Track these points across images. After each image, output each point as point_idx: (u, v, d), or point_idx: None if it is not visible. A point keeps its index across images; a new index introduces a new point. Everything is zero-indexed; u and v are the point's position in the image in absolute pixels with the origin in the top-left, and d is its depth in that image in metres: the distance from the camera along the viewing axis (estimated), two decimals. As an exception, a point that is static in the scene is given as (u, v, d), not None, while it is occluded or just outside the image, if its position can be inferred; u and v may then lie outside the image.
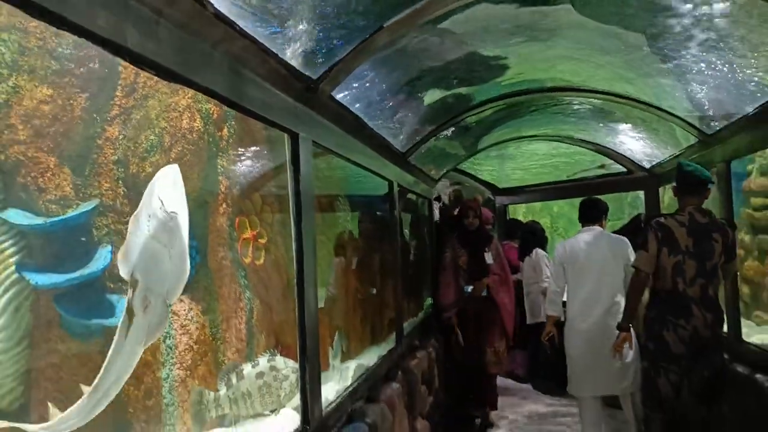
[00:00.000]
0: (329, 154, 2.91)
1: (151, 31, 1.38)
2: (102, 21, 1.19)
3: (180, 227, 1.46)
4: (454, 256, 5.21)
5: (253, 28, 1.79)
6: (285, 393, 2.34)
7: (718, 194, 3.95)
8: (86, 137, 1.66)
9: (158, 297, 1.42)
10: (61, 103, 1.59)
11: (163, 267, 1.44)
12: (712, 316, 3.48)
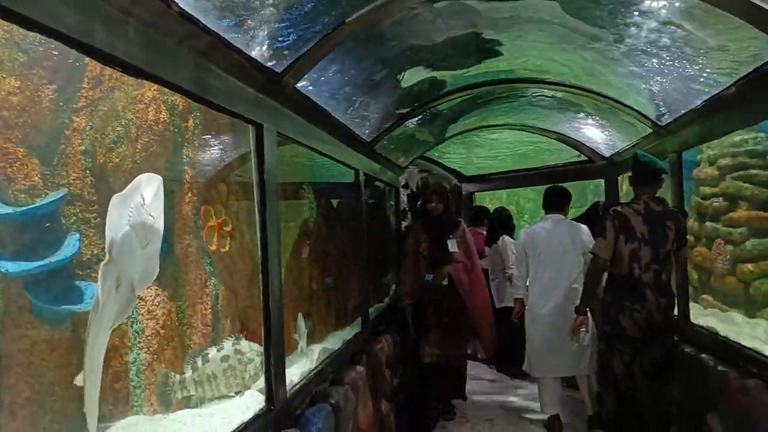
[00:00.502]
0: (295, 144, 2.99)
1: (119, 30, 1.44)
2: (70, 21, 1.24)
3: (156, 232, 1.53)
4: (416, 242, 5.00)
5: (218, 24, 1.85)
6: (249, 375, 2.42)
7: (671, 183, 4.13)
8: (54, 128, 1.70)
9: (127, 280, 1.49)
10: (29, 95, 1.64)
11: (135, 256, 1.51)
12: (665, 300, 3.66)
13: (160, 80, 1.75)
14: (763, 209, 3.61)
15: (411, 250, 5.02)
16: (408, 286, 5.00)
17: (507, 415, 5.22)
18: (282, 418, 2.49)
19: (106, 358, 1.66)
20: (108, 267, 1.41)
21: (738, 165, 3.80)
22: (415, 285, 4.96)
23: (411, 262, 4.99)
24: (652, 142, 4.47)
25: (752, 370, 2.99)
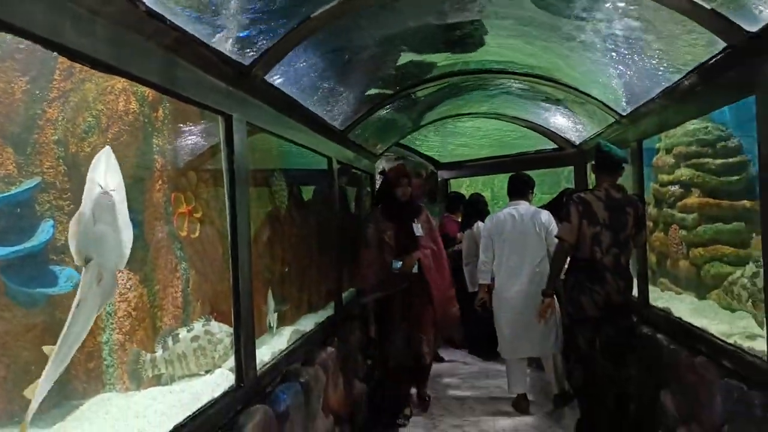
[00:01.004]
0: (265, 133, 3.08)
1: (89, 29, 1.52)
2: (41, 21, 1.33)
3: (119, 202, 1.64)
4: (377, 230, 4.55)
5: (186, 19, 1.94)
6: (219, 355, 2.53)
7: (632, 170, 4.29)
8: (27, 118, 1.78)
9: (108, 270, 1.60)
10: (2, 86, 1.71)
11: (110, 244, 1.62)
12: (623, 283, 3.84)
13: (130, 75, 1.84)
14: (713, 196, 3.80)
15: (373, 238, 4.54)
16: (373, 279, 4.51)
17: (477, 395, 5.40)
18: (251, 395, 2.60)
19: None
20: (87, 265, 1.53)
21: (691, 153, 3.97)
22: (381, 276, 4.50)
23: (374, 252, 4.53)
24: (616, 131, 4.63)
25: (701, 348, 3.16)
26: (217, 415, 2.27)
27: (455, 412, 5.01)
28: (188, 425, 2.05)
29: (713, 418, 2.82)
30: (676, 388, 3.37)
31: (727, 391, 2.70)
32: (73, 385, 1.88)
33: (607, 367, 3.88)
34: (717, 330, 3.14)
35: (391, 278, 4.47)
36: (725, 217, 3.74)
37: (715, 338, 3.08)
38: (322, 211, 4.43)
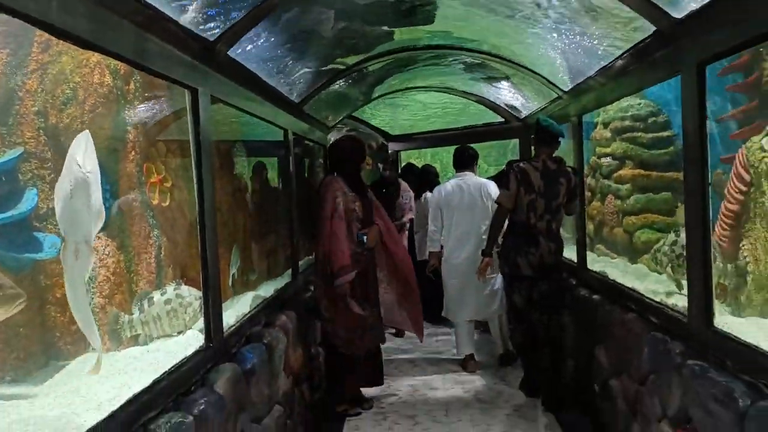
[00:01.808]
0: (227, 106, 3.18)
1: (71, 7, 1.61)
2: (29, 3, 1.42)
3: (94, 182, 1.77)
4: (347, 201, 4.20)
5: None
6: (189, 317, 2.67)
7: (573, 143, 4.58)
8: (8, 90, 1.85)
9: (83, 244, 1.73)
10: (-17, 59, 1.78)
11: (84, 219, 1.76)
12: (554, 245, 4.22)
13: (105, 50, 1.93)
14: (644, 168, 4.12)
15: (345, 210, 4.14)
16: (348, 257, 4.06)
17: (428, 357, 5.69)
18: (220, 354, 2.76)
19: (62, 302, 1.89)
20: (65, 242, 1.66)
21: (625, 128, 4.28)
22: (354, 255, 4.13)
23: (345, 227, 4.13)
24: (559, 106, 4.90)
25: (631, 306, 3.48)
26: (190, 372, 2.42)
27: (407, 372, 5.28)
28: (165, 380, 2.20)
29: (641, 368, 3.14)
30: (610, 343, 3.70)
31: (653, 343, 3.01)
32: (60, 347, 1.99)
33: (542, 318, 4.29)
34: (645, 290, 3.45)
35: (362, 254, 4.23)
36: (655, 188, 4.07)
37: (644, 297, 3.39)
38: (279, 183, 4.54)
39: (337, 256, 4.05)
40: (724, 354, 2.43)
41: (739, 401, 2.16)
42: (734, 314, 2.70)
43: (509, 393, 4.68)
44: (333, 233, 4.08)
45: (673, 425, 2.74)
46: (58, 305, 1.93)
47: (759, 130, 2.57)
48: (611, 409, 3.62)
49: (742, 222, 2.68)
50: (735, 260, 2.72)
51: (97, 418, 1.77)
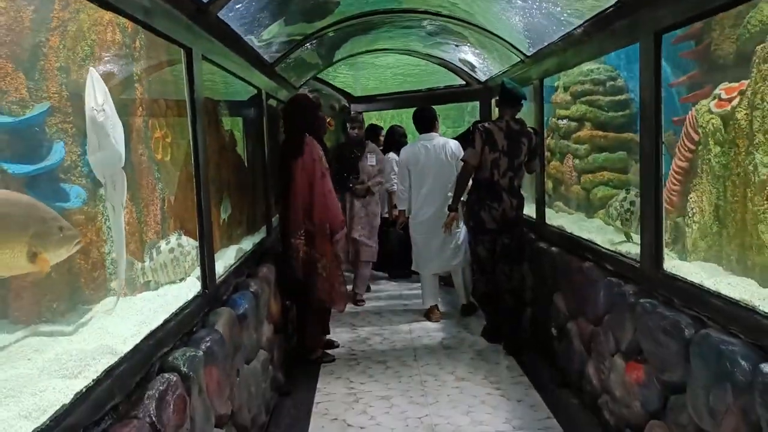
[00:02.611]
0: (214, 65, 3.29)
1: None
2: None
3: (111, 114, 1.97)
4: (325, 161, 4.48)
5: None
6: (189, 265, 2.84)
7: (534, 105, 4.86)
8: (34, 45, 1.95)
9: (118, 174, 1.89)
10: (13, 15, 1.87)
11: (112, 152, 1.91)
12: (516, 201, 4.55)
13: (117, 9, 2.05)
14: (601, 129, 4.44)
15: (334, 170, 4.48)
16: (341, 215, 4.50)
17: (394, 309, 6.00)
18: (214, 300, 2.96)
19: (85, 249, 2.05)
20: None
21: (585, 91, 4.57)
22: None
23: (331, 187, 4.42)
24: (520, 69, 5.14)
25: (588, 256, 3.82)
26: (192, 314, 2.62)
27: (375, 322, 5.58)
28: (173, 320, 2.40)
29: (597, 310, 3.48)
30: (567, 290, 4.04)
31: (608, 286, 3.35)
32: (84, 292, 2.15)
33: (504, 268, 4.63)
34: (602, 241, 3.79)
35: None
36: (611, 147, 4.39)
37: (600, 247, 3.73)
38: (254, 141, 4.67)
39: (335, 213, 4.38)
40: (671, 293, 2.77)
41: (684, 331, 2.50)
42: (681, 259, 3.04)
43: (472, 340, 5.03)
44: (329, 191, 4.35)
45: (626, 358, 3.10)
46: (82, 252, 2.07)
47: (707, 94, 2.88)
48: (567, 348, 3.99)
49: (690, 178, 3.01)
50: (683, 212, 3.06)
51: (125, 349, 1.97)
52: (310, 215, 4.30)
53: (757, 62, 2.50)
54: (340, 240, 4.49)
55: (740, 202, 2.58)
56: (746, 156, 2.52)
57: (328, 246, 4.39)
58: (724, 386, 2.16)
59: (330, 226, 4.37)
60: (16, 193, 1.76)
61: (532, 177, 4.87)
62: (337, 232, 4.43)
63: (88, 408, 1.68)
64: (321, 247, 4.36)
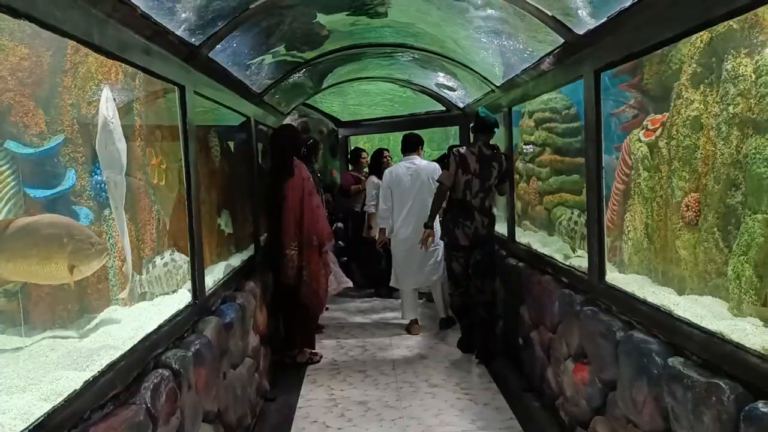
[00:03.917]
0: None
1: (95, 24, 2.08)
2: (73, 21, 1.89)
3: (117, 127, 2.35)
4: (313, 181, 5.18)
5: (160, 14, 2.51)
6: (180, 278, 3.17)
7: (504, 130, 5.25)
8: (51, 85, 2.30)
9: (119, 176, 2.33)
10: (35, 59, 2.22)
11: (115, 157, 2.33)
12: (487, 219, 4.91)
13: (122, 59, 2.42)
14: (559, 153, 4.82)
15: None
16: (329, 228, 5.32)
17: (377, 323, 6.33)
18: (203, 310, 3.29)
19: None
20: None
21: (545, 118, 4.95)
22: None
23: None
24: (492, 98, 5.54)
25: (548, 270, 4.17)
26: (184, 321, 2.94)
27: (358, 336, 5.90)
28: (167, 325, 2.73)
29: (553, 319, 3.83)
30: (530, 302, 4.39)
31: (561, 297, 3.70)
32: (89, 302, 2.49)
33: (476, 282, 5.00)
34: (559, 256, 4.15)
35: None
36: (567, 171, 4.76)
37: (557, 262, 4.08)
38: (243, 164, 5.02)
39: (323, 225, 5.03)
40: (611, 301, 3.12)
41: (616, 334, 2.85)
42: (620, 272, 3.40)
43: (447, 350, 5.35)
44: (317, 206, 5.00)
45: (575, 361, 3.44)
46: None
47: (638, 123, 3.25)
48: (531, 356, 4.32)
49: (627, 199, 3.37)
50: (622, 229, 3.42)
51: (124, 348, 2.30)
52: (301, 228, 4.87)
53: (674, 97, 2.88)
54: (327, 251, 5.05)
55: (663, 221, 2.95)
56: (667, 180, 2.89)
57: (314, 256, 4.94)
58: (642, 379, 2.51)
59: (318, 238, 4.95)
60: (57, 216, 2.16)
61: (504, 197, 5.23)
62: (324, 244, 5.02)
63: (94, 394, 2.01)
64: (307, 257, 4.91)
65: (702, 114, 2.68)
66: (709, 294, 2.59)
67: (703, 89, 2.69)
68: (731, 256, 2.37)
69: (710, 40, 2.63)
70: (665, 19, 2.39)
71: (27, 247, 2.03)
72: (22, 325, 2.12)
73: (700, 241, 2.62)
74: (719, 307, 2.48)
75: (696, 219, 2.65)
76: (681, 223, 2.75)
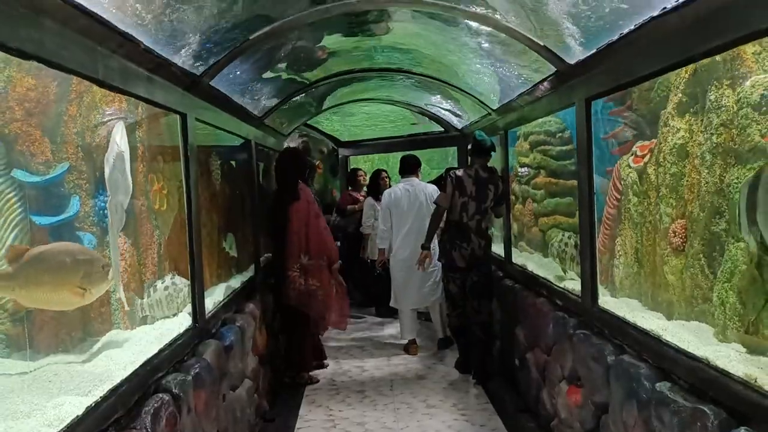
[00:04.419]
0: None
1: (110, 64, 2.18)
2: (69, 57, 1.97)
3: (126, 159, 2.43)
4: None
5: (164, 48, 2.61)
6: (181, 301, 3.23)
7: (501, 152, 5.33)
8: (57, 114, 2.39)
9: (120, 204, 2.39)
10: (42, 90, 2.31)
11: (121, 185, 2.41)
12: (483, 241, 4.98)
13: (125, 92, 2.51)
14: (553, 176, 4.89)
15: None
16: (336, 248, 5.45)
17: (375, 343, 6.37)
18: (203, 332, 3.35)
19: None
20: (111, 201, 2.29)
21: (539, 141, 5.03)
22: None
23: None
24: (489, 120, 5.64)
25: (543, 292, 4.22)
26: (184, 345, 3.01)
27: (357, 356, 5.94)
28: (167, 349, 2.79)
29: (548, 341, 3.88)
30: (526, 323, 4.44)
31: (555, 320, 3.75)
32: (93, 326, 2.56)
33: (473, 303, 5.05)
34: (553, 278, 4.21)
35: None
36: (561, 193, 4.83)
37: (552, 284, 4.14)
38: (245, 186, 5.11)
39: (331, 246, 5.22)
40: (603, 325, 3.18)
41: (607, 358, 2.90)
42: (612, 295, 3.46)
43: (445, 371, 5.39)
44: (324, 228, 5.18)
45: (569, 383, 3.49)
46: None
47: (627, 149, 3.33)
48: (527, 377, 4.37)
49: (618, 223, 3.44)
50: (613, 254, 3.49)
51: (126, 373, 2.36)
52: (306, 251, 5.00)
53: (662, 125, 2.96)
54: (336, 268, 5.24)
55: (652, 246, 3.02)
56: (655, 206, 2.96)
57: (325, 275, 5.11)
58: (632, 403, 2.56)
59: (328, 258, 5.13)
60: (69, 243, 2.27)
61: (501, 219, 5.30)
62: (334, 263, 5.21)
63: (96, 419, 2.07)
64: (318, 277, 5.06)
65: (688, 142, 2.76)
66: (696, 319, 2.65)
67: (689, 118, 2.77)
68: (716, 282, 2.44)
69: (695, 70, 2.71)
70: (648, 55, 2.48)
71: (41, 274, 2.12)
72: (27, 349, 2.18)
73: (686, 266, 2.69)
74: (706, 333, 2.53)
75: (683, 245, 2.72)
76: (669, 248, 2.82)
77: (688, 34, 2.17)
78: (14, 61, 2.26)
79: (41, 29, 1.76)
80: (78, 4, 1.84)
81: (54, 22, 1.81)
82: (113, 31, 2.15)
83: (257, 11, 3.20)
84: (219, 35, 3.12)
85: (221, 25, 3.04)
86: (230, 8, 2.86)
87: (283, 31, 3.38)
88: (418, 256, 5.50)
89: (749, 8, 1.83)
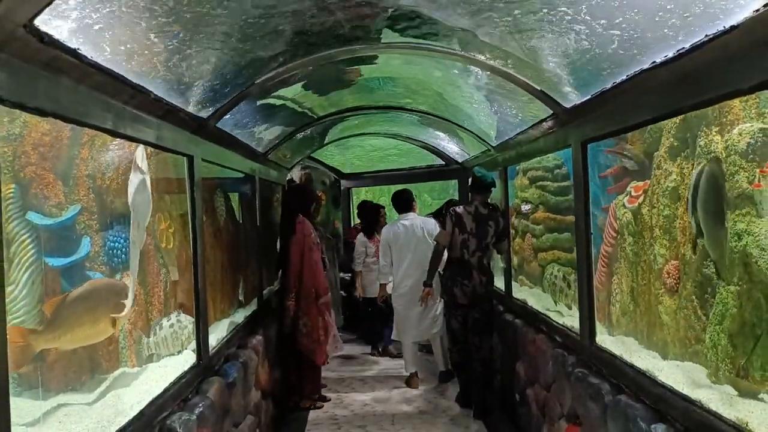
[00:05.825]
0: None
1: (120, 113, 2.29)
2: (91, 113, 2.09)
3: (147, 182, 2.60)
4: (315, 237, 5.48)
5: (172, 95, 2.71)
6: (185, 338, 3.29)
7: (501, 187, 5.43)
8: (69, 158, 2.48)
9: (140, 223, 2.55)
10: (55, 134, 2.40)
11: (144, 207, 2.59)
12: (485, 278, 5.02)
13: (137, 140, 2.61)
14: (551, 212, 4.97)
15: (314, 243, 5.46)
16: (325, 282, 5.58)
17: (377, 376, 6.39)
18: (207, 369, 3.40)
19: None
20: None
21: (538, 177, 5.11)
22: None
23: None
24: (489, 156, 5.75)
25: (542, 328, 4.27)
26: (188, 383, 3.06)
27: (359, 389, 5.96)
28: (172, 388, 2.85)
29: (547, 378, 3.92)
30: (526, 359, 4.48)
31: (555, 357, 3.79)
32: (100, 364, 2.61)
33: (475, 339, 5.08)
34: (552, 314, 4.26)
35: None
36: (560, 228, 4.89)
37: (551, 320, 4.19)
38: (247, 220, 5.20)
39: (320, 279, 5.38)
40: (601, 363, 3.22)
41: (604, 398, 2.94)
42: (609, 333, 3.50)
43: (446, 405, 5.41)
44: (315, 262, 5.36)
45: (568, 421, 3.52)
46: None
47: (622, 188, 3.41)
48: (527, 413, 4.39)
49: (614, 262, 3.50)
50: (609, 292, 3.54)
51: (132, 414, 2.42)
52: (300, 281, 5.25)
53: (655, 167, 3.05)
54: (324, 302, 5.37)
55: (647, 285, 3.08)
56: (649, 246, 3.03)
57: (312, 308, 5.29)
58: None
59: (316, 291, 5.31)
60: (100, 278, 2.43)
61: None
62: (321, 297, 5.35)
63: (103, 460, 2.12)
64: (304, 308, 5.27)
65: (679, 185, 2.84)
66: (689, 360, 2.69)
67: (680, 162, 2.86)
68: (708, 324, 2.49)
69: (685, 116, 2.80)
70: (640, 105, 2.57)
71: (81, 315, 2.29)
72: (39, 387, 2.24)
73: (680, 307, 2.75)
74: (699, 374, 2.58)
75: (676, 286, 2.78)
76: (663, 289, 2.88)
77: (676, 88, 2.27)
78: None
79: (58, 88, 1.86)
80: (94, 62, 1.94)
81: (70, 80, 1.91)
82: (125, 84, 2.26)
83: (260, 55, 3.32)
84: (225, 84, 3.24)
85: (228, 69, 3.15)
86: (241, 56, 2.97)
87: (288, 71, 3.48)
88: (418, 290, 5.57)
89: (730, 68, 1.93)
